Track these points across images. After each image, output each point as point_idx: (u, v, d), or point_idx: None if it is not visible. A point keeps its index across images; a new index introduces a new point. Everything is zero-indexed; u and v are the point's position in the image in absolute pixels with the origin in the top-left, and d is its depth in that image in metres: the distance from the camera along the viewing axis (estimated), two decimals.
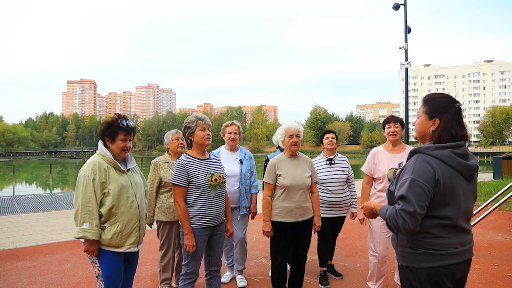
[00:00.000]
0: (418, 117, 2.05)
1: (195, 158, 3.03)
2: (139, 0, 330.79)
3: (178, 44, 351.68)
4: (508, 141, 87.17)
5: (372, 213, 2.16)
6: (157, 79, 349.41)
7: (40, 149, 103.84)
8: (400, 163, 3.53)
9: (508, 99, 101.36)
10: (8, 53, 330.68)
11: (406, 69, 11.81)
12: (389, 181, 3.52)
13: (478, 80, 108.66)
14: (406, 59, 11.67)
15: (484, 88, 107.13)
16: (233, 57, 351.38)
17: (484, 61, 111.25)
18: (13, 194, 11.36)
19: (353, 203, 4.29)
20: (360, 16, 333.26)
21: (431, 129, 1.95)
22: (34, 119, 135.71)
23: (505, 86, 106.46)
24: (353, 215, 4.30)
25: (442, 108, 1.93)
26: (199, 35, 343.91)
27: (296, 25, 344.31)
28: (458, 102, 1.97)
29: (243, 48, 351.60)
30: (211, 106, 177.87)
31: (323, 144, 4.32)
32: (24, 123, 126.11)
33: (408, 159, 2.01)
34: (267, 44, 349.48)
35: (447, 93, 2.06)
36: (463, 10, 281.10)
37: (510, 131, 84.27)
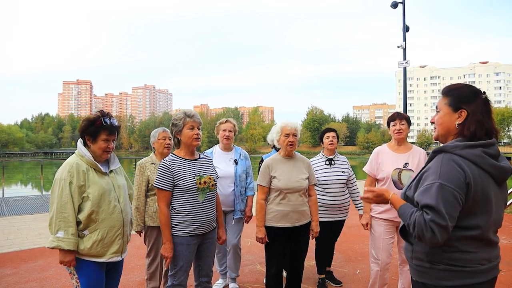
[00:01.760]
0: (437, 112, 1.78)
1: (183, 158, 2.76)
2: (136, 1, 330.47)
3: (175, 45, 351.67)
4: (504, 142, 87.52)
5: (380, 200, 1.84)
6: (153, 80, 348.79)
7: (35, 150, 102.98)
8: (405, 164, 3.28)
9: (503, 100, 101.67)
10: (4, 53, 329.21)
11: (405, 68, 11.64)
12: (394, 183, 3.28)
13: (474, 82, 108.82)
14: (405, 58, 11.49)
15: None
16: (230, 57, 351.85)
17: (480, 62, 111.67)
18: (2, 196, 11.08)
19: (359, 205, 4.03)
20: (357, 17, 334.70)
21: (457, 123, 1.69)
22: (30, 120, 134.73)
23: (500, 87, 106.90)
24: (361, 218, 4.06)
25: (468, 98, 1.69)
26: (196, 36, 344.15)
27: (293, 26, 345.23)
28: (484, 92, 1.72)
29: (239, 48, 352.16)
30: (207, 107, 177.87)
31: (322, 143, 4.08)
32: (19, 123, 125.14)
33: (430, 159, 1.73)
34: (263, 45, 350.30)
35: (469, 83, 1.79)
36: (459, 11, 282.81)
37: (505, 132, 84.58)
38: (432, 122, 1.82)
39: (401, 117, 3.40)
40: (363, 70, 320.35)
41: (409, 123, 3.42)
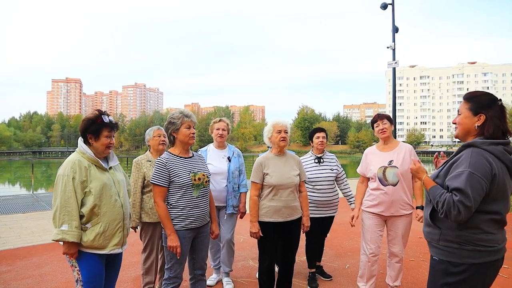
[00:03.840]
0: (459, 114, 2.06)
1: (178, 156, 2.88)
2: (127, 1, 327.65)
3: (166, 44, 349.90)
4: None
5: (416, 174, 2.18)
6: (144, 79, 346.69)
7: (23, 149, 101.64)
8: (390, 161, 3.45)
9: None
10: None
11: (394, 69, 11.82)
12: (379, 180, 3.45)
13: (462, 81, 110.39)
14: (394, 59, 11.67)
15: (467, 89, 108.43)
16: (221, 57, 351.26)
17: (468, 62, 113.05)
18: None
19: (351, 200, 4.18)
20: (349, 18, 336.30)
21: (476, 125, 1.99)
22: (18, 119, 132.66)
23: (488, 87, 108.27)
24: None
25: (486, 104, 1.98)
26: (188, 35, 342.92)
27: (285, 26, 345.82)
28: (500, 100, 2.01)
29: (231, 48, 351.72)
30: (198, 105, 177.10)
31: (312, 143, 4.21)
32: (6, 122, 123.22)
33: (459, 151, 1.99)
34: (255, 44, 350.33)
35: (487, 91, 2.09)
36: (450, 11, 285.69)
37: None
38: (454, 123, 2.09)
39: (382, 117, 3.59)
40: (354, 70, 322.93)
41: (390, 121, 3.60)
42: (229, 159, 4.00)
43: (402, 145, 3.56)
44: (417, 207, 3.40)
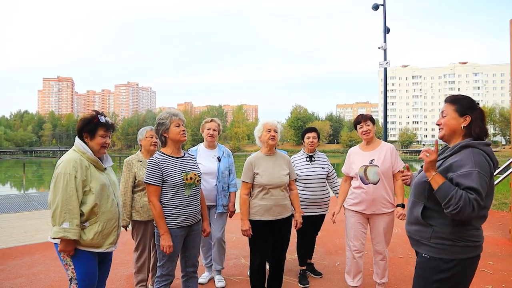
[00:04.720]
0: (444, 116, 2.14)
1: (170, 156, 2.93)
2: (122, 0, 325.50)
3: (159, 43, 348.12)
4: None
5: (429, 167, 2.00)
6: (137, 78, 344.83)
7: (14, 148, 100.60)
8: (371, 160, 3.53)
9: (481, 100, 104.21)
10: None
11: (385, 69, 11.96)
12: (361, 178, 3.53)
13: (454, 81, 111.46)
14: (385, 59, 11.81)
15: (459, 89, 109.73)
16: (215, 56, 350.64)
17: (459, 63, 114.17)
18: None
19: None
20: (343, 18, 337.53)
21: (462, 125, 2.09)
22: (8, 117, 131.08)
23: (479, 87, 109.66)
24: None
25: (471, 106, 2.10)
26: (181, 34, 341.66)
27: (278, 25, 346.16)
28: (478, 103, 2.15)
29: (224, 47, 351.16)
30: (191, 105, 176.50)
31: (304, 142, 4.28)
32: None
33: (455, 151, 2.05)
34: (248, 44, 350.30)
35: (466, 94, 2.21)
36: (443, 12, 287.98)
37: None
38: (438, 124, 2.17)
39: (365, 119, 3.66)
40: (348, 70, 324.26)
41: (373, 122, 3.69)
42: (219, 159, 4.06)
43: (383, 145, 3.65)
44: (397, 205, 3.49)
